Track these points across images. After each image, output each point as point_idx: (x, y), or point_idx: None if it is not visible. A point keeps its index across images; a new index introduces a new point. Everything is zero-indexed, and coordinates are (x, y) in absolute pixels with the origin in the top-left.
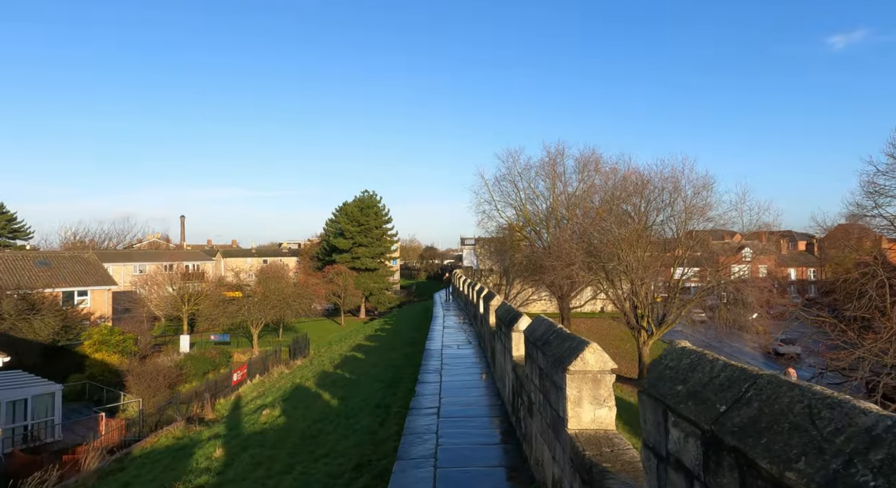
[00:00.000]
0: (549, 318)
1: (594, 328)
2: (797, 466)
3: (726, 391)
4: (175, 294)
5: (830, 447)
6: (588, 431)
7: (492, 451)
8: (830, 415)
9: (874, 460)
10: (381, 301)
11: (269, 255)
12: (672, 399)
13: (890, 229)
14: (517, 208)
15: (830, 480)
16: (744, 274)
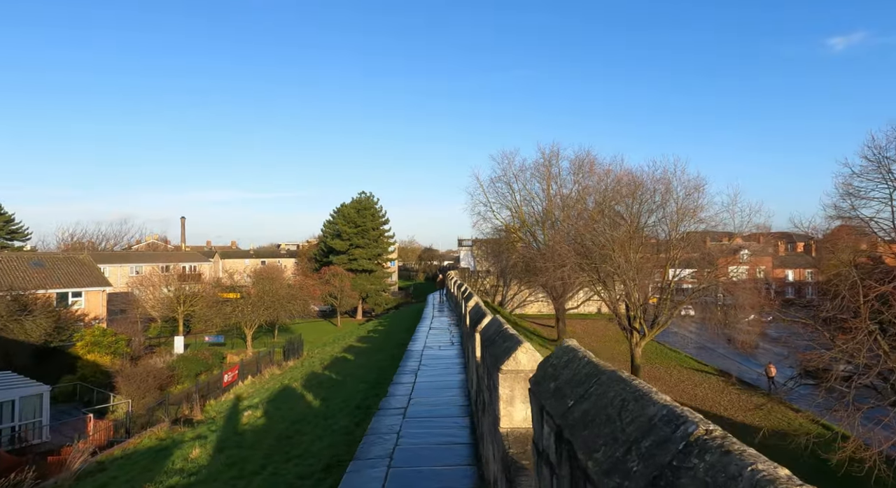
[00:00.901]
0: (502, 319)
1: (589, 329)
2: (597, 456)
3: (578, 387)
4: (171, 295)
5: (623, 436)
6: (520, 430)
7: (450, 451)
8: (633, 407)
9: (644, 447)
10: (378, 302)
11: (268, 257)
12: (544, 395)
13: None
14: (512, 210)
15: (612, 468)
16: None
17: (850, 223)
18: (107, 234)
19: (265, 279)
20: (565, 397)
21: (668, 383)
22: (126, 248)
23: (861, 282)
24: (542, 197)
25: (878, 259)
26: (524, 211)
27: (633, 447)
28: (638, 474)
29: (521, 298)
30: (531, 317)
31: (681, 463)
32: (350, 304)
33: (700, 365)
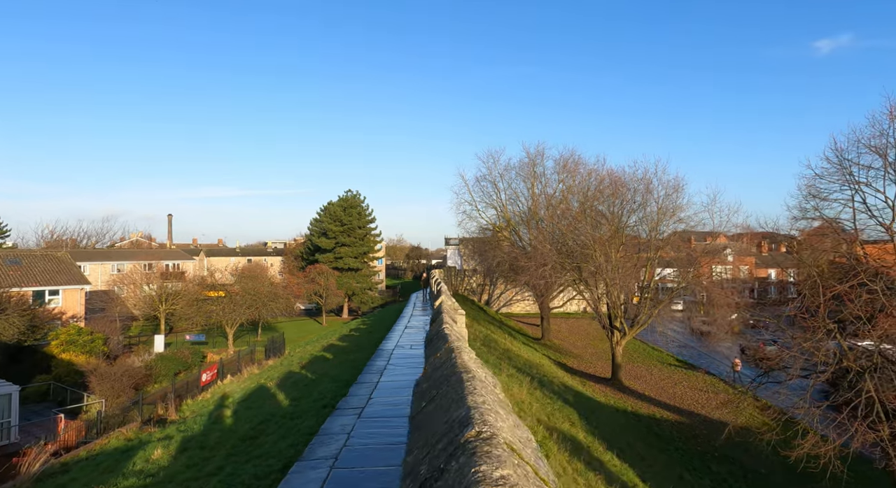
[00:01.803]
0: (448, 319)
1: (574, 328)
2: (408, 458)
3: (434, 388)
4: (152, 293)
5: (432, 439)
6: None
7: (398, 451)
8: (452, 409)
9: (437, 449)
10: (364, 301)
11: (254, 255)
12: (415, 395)
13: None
14: (498, 209)
15: (410, 471)
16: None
17: (812, 224)
18: (88, 232)
19: (247, 277)
20: (423, 398)
21: (648, 382)
22: (110, 246)
23: (822, 282)
24: (526, 196)
25: (857, 259)
26: (509, 210)
27: (431, 450)
28: (421, 476)
29: (508, 297)
30: (517, 316)
31: (446, 466)
32: (336, 303)
33: (681, 363)
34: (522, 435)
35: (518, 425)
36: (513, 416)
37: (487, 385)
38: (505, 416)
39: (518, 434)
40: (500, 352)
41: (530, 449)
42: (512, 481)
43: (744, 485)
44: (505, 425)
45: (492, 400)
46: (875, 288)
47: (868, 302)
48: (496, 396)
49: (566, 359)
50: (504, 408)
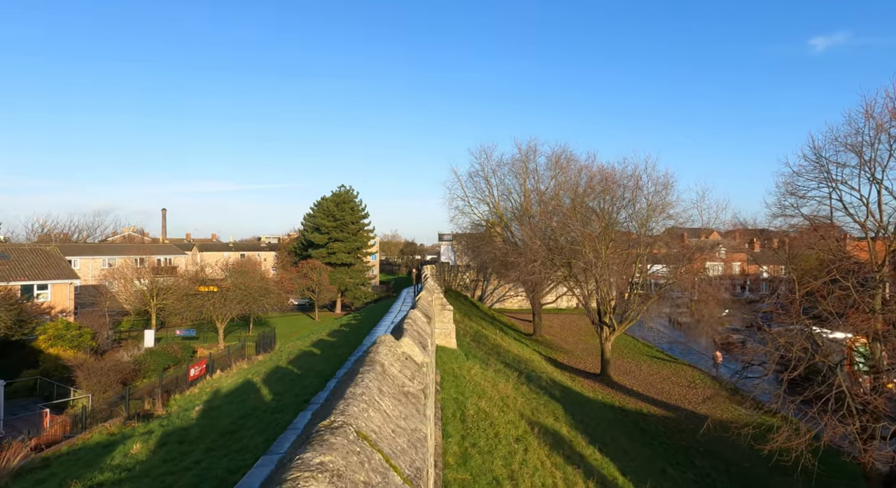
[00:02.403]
0: (419, 313)
1: (566, 323)
2: (285, 452)
3: (341, 383)
4: (143, 288)
5: (305, 432)
6: None
7: None
8: (334, 401)
9: (300, 440)
10: (357, 296)
11: (247, 250)
12: (332, 390)
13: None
14: (490, 205)
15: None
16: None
17: (790, 221)
18: (80, 226)
19: (237, 272)
20: (332, 393)
21: (637, 377)
22: (102, 241)
23: (798, 279)
24: (519, 192)
25: (847, 256)
26: (502, 206)
27: (297, 442)
28: (277, 465)
29: (501, 293)
30: (511, 312)
31: (291, 456)
32: (328, 298)
33: (670, 358)
34: (416, 427)
35: (410, 417)
36: (412, 408)
37: (391, 375)
38: (392, 407)
39: (407, 424)
40: (489, 348)
41: (410, 441)
42: (332, 467)
43: (726, 479)
44: (378, 416)
45: (384, 390)
46: (847, 284)
47: (840, 298)
48: (399, 387)
49: (557, 355)
50: (401, 399)
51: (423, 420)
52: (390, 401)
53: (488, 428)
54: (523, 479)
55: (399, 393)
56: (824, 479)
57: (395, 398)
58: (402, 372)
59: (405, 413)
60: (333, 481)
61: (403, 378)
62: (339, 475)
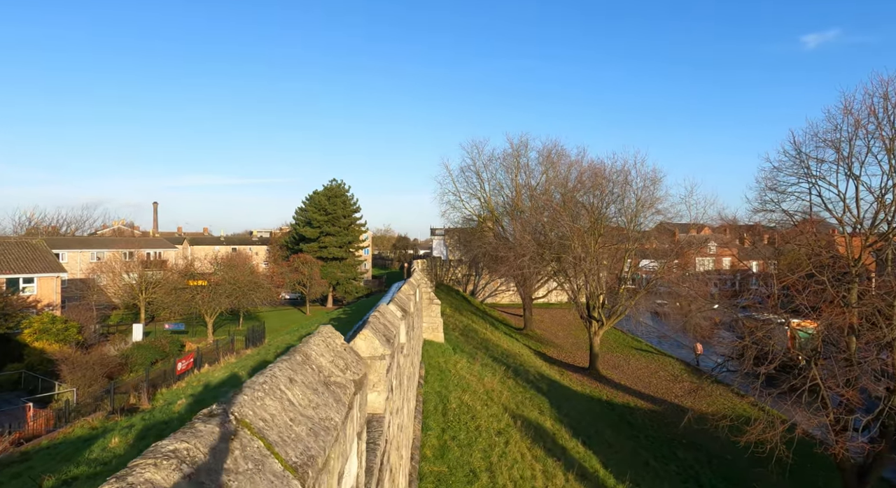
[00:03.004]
0: (393, 307)
1: (557, 318)
2: None
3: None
4: (132, 282)
5: None
6: None
7: None
8: None
9: None
10: (349, 290)
11: (239, 244)
12: None
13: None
14: (481, 199)
15: None
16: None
17: (771, 216)
18: (68, 219)
19: (227, 266)
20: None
21: (625, 371)
22: (92, 234)
23: (777, 274)
24: (510, 187)
25: (837, 252)
26: (493, 201)
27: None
28: None
29: (493, 288)
30: (503, 307)
31: None
32: (320, 292)
33: (658, 352)
34: (327, 416)
35: (323, 406)
36: (330, 398)
37: (317, 365)
38: (301, 397)
39: (315, 413)
40: (478, 342)
41: (312, 430)
42: (185, 454)
43: (708, 471)
44: (276, 404)
45: (297, 379)
46: (823, 278)
47: (816, 292)
48: (320, 377)
49: (546, 349)
50: (318, 389)
51: (340, 409)
52: (301, 391)
53: (470, 421)
54: (501, 471)
55: (318, 383)
56: (801, 470)
57: (310, 387)
58: (332, 363)
59: (318, 402)
60: (181, 468)
61: (333, 368)
62: (191, 462)
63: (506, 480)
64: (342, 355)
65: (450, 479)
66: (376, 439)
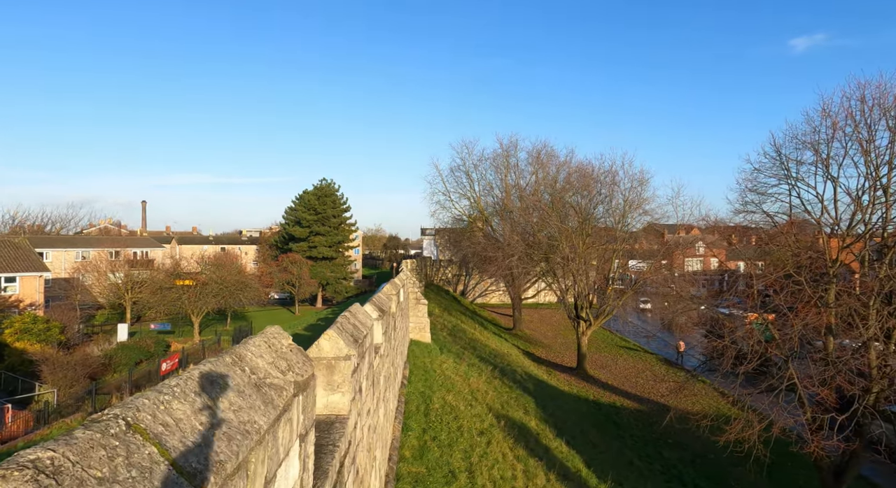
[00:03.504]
0: (369, 307)
1: (546, 318)
2: None
3: None
4: (118, 281)
5: None
6: (320, 416)
7: None
8: None
9: None
10: (339, 290)
11: (228, 243)
12: None
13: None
14: (471, 199)
15: None
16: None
17: (753, 217)
18: (53, 217)
19: (214, 266)
20: None
21: (612, 371)
22: (78, 233)
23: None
24: (500, 187)
25: (821, 253)
26: (483, 201)
27: None
28: None
29: (483, 288)
30: (493, 307)
31: None
32: (309, 292)
33: (646, 352)
34: (251, 419)
35: (249, 409)
36: (259, 400)
37: (253, 366)
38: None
39: (237, 417)
40: (466, 342)
41: (227, 433)
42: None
43: (691, 469)
44: (186, 407)
45: (219, 381)
46: (800, 279)
47: (793, 293)
48: (254, 378)
49: (535, 349)
50: (245, 391)
51: (269, 412)
52: (221, 393)
53: (452, 421)
54: (481, 471)
55: (246, 385)
56: (781, 469)
57: (234, 390)
58: (272, 364)
59: (241, 405)
60: (37, 479)
61: (272, 370)
62: (53, 472)
63: (485, 480)
64: (285, 356)
65: (427, 480)
66: (335, 440)
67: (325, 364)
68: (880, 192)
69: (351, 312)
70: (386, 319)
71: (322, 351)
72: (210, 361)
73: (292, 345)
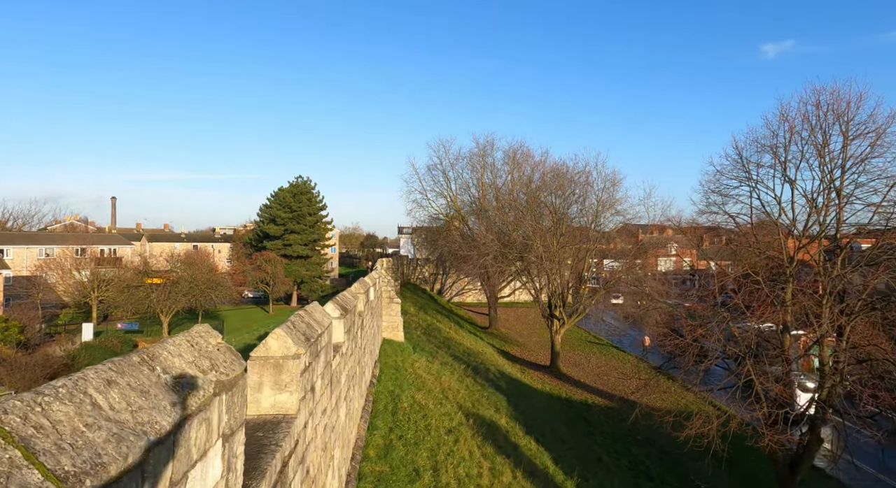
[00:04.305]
0: (332, 306)
1: (521, 316)
2: None
3: None
4: (83, 280)
5: None
6: (266, 416)
7: None
8: None
9: None
10: (314, 289)
11: (201, 241)
12: None
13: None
14: (448, 198)
15: None
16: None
17: (715, 218)
18: (14, 213)
19: (185, 264)
20: None
21: (585, 369)
22: (42, 229)
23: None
24: (476, 186)
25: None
26: (460, 200)
27: None
28: None
29: (460, 286)
30: (469, 306)
31: None
32: (284, 291)
33: (618, 349)
34: (149, 419)
35: (146, 409)
36: (156, 400)
37: (166, 365)
38: (118, 400)
39: (132, 417)
40: (440, 341)
41: (117, 434)
42: None
43: (658, 466)
44: (69, 409)
45: (120, 381)
46: (758, 278)
47: (751, 292)
48: (157, 377)
49: (510, 348)
50: (144, 390)
51: (177, 412)
52: (119, 393)
53: (420, 420)
54: (446, 470)
55: (153, 384)
56: (741, 463)
57: (136, 389)
58: (192, 363)
59: (142, 405)
60: None
61: (191, 369)
62: None
63: (450, 478)
64: (210, 355)
65: (391, 478)
66: (279, 440)
67: (273, 363)
68: (834, 195)
69: (306, 311)
70: (350, 318)
71: (269, 350)
72: (113, 360)
73: (221, 343)
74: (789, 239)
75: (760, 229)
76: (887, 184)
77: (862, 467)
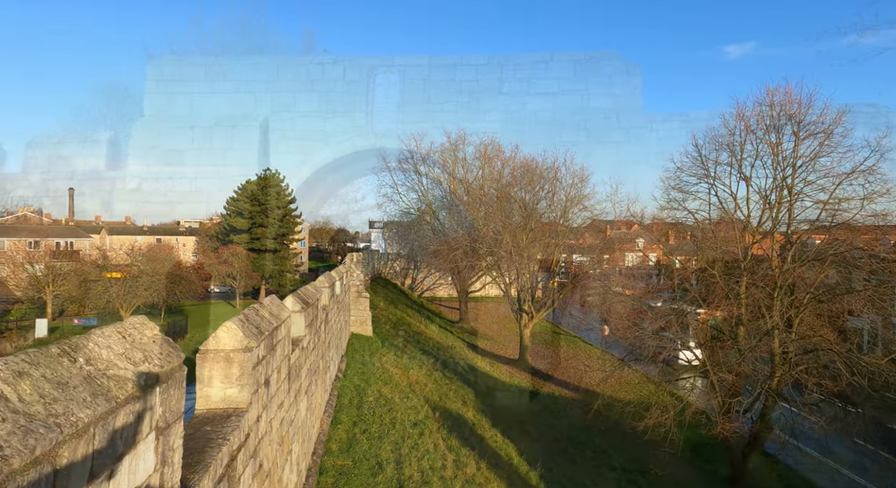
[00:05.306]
0: (291, 300)
1: (492, 311)
2: None
3: None
4: (37, 273)
5: None
6: (216, 410)
7: None
8: None
9: None
10: (283, 283)
11: (164, 234)
12: None
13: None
14: (419, 193)
15: None
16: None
17: (676, 214)
18: None
19: (146, 258)
20: None
21: (552, 361)
22: None
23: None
24: (448, 181)
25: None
26: (431, 194)
27: None
28: None
29: (432, 281)
30: (441, 300)
31: None
32: (251, 285)
33: (585, 342)
34: (65, 411)
35: (62, 401)
36: (79, 392)
37: (92, 357)
38: (28, 393)
39: (44, 409)
40: (410, 335)
41: (24, 427)
42: None
43: (621, 455)
44: None
45: (35, 374)
46: (714, 273)
47: (707, 285)
48: (86, 372)
49: (479, 342)
50: (70, 384)
51: (97, 404)
52: (31, 385)
53: (385, 414)
54: (410, 462)
55: (73, 376)
56: (700, 451)
57: (52, 381)
58: (122, 355)
59: (58, 397)
60: None
61: (120, 361)
62: None
63: (413, 471)
64: (144, 347)
65: (353, 472)
66: (226, 434)
67: (223, 356)
68: (786, 192)
69: (262, 304)
70: (311, 311)
71: (220, 343)
72: (28, 352)
73: (157, 335)
74: (745, 234)
75: (719, 225)
76: (833, 182)
77: (807, 451)
